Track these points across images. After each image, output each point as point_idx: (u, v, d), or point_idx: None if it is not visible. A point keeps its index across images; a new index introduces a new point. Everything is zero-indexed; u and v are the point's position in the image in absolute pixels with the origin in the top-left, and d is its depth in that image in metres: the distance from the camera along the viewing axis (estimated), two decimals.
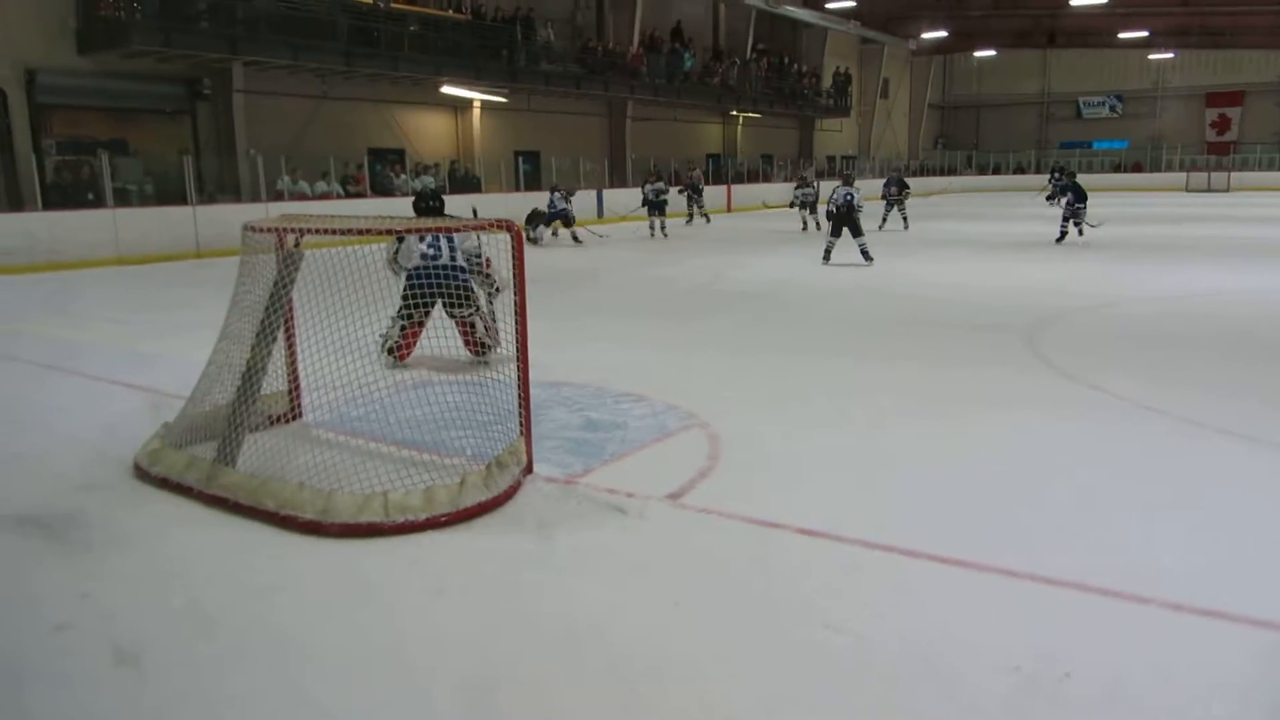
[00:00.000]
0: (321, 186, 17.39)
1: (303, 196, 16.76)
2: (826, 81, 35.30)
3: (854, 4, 30.88)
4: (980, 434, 4.88)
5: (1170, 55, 39.92)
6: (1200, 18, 34.11)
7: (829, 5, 31.01)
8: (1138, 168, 40.54)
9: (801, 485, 4.10)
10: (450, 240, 6.16)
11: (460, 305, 6.07)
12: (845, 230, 12.66)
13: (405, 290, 5.95)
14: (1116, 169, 40.84)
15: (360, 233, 4.16)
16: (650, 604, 3.01)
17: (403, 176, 18.78)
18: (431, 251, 6.15)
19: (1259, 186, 34.90)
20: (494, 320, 6.42)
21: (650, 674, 2.61)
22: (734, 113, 31.11)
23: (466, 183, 20.56)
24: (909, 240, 17.04)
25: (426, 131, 21.68)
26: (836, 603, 2.98)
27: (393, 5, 18.57)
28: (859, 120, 39.67)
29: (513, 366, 4.19)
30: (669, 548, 3.46)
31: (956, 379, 6.12)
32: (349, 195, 17.58)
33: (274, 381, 4.55)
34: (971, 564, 3.23)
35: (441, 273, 5.99)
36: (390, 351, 6.02)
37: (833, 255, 12.66)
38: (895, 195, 19.59)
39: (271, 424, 4.67)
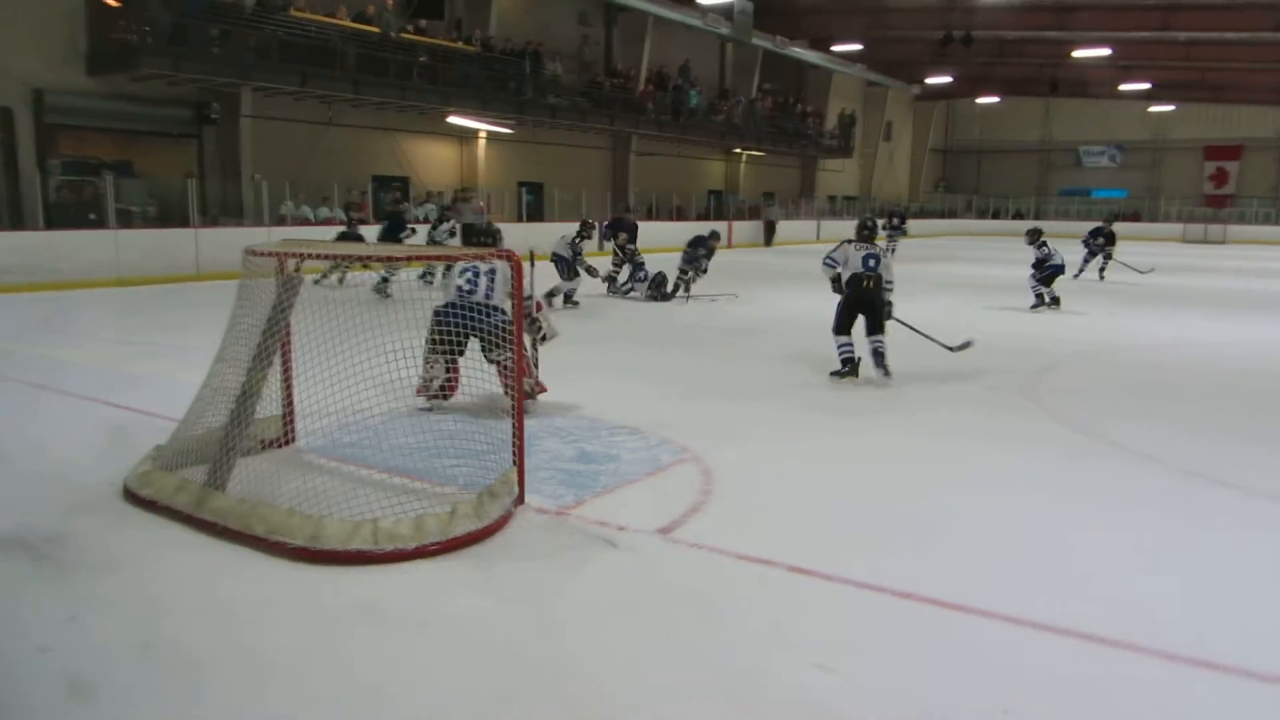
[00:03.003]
0: (325, 212, 17.47)
1: (305, 222, 16.84)
2: (830, 122, 35.61)
3: (860, 47, 31.20)
4: (979, 479, 4.87)
5: (1171, 108, 40.33)
6: (1201, 72, 34.45)
7: (835, 48, 31.33)
8: (1135, 217, 40.78)
9: (794, 523, 4.08)
10: (491, 277, 5.68)
11: (497, 347, 5.49)
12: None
13: (433, 326, 5.40)
14: (1115, 218, 41.05)
15: (361, 259, 4.18)
16: (639, 638, 2.98)
17: (405, 205, 18.81)
18: (468, 287, 5.67)
19: (1255, 240, 35.19)
20: (535, 367, 6.00)
21: (636, 709, 2.58)
22: (737, 150, 31.37)
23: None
24: (907, 282, 17.07)
25: (431, 160, 21.83)
26: (827, 642, 2.95)
27: (402, 35, 18.78)
28: (861, 161, 39.99)
29: (514, 398, 4.19)
30: (659, 582, 3.43)
31: (956, 424, 6.11)
32: (352, 221, 17.63)
33: (268, 406, 4.54)
34: (963, 607, 3.21)
35: (476, 311, 5.43)
36: (433, 395, 5.55)
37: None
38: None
39: (264, 448, 4.66)
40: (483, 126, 21.80)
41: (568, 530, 3.89)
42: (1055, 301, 12.62)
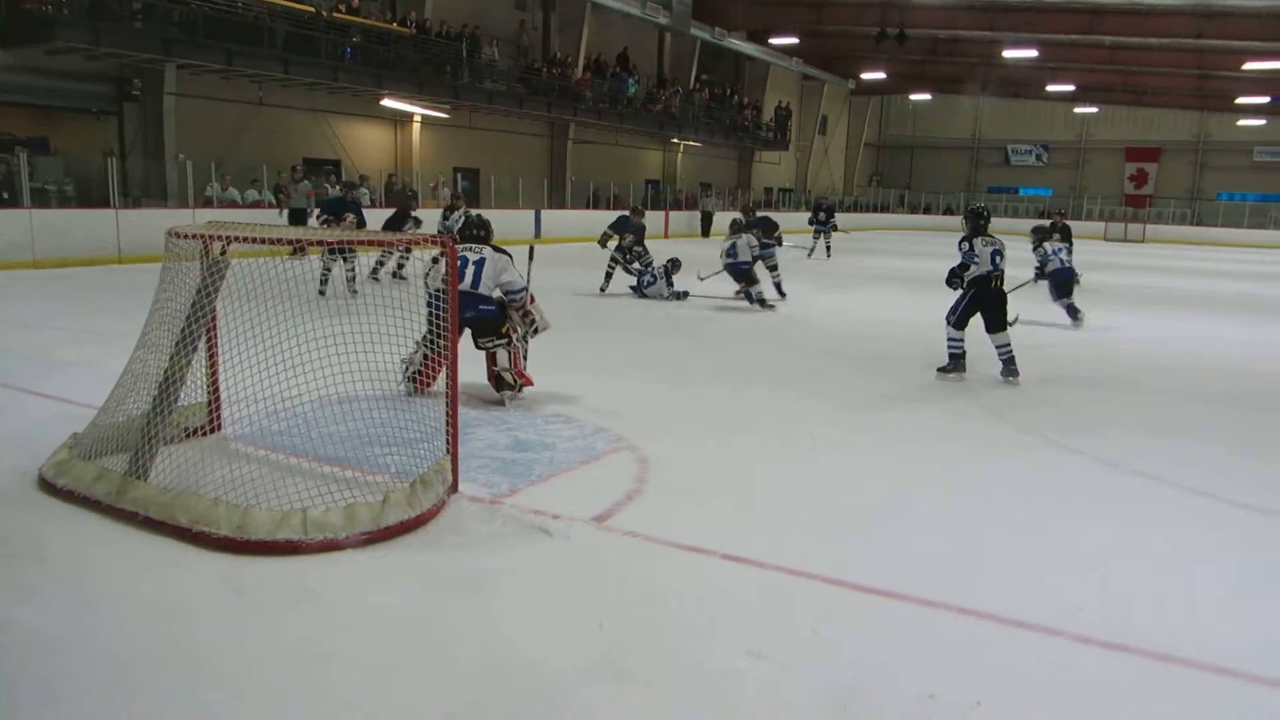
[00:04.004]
0: (253, 195, 17.02)
1: (233, 204, 16.39)
2: (767, 115, 35.92)
3: (796, 41, 31.49)
4: (907, 466, 4.96)
5: (1094, 110, 41.63)
6: (1124, 76, 35.57)
7: (772, 41, 31.57)
8: (1060, 215, 42.03)
9: (728, 511, 4.11)
10: (480, 266, 5.70)
11: (482, 335, 5.72)
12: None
13: (429, 315, 5.14)
14: (1041, 215, 42.28)
15: (290, 243, 4.08)
16: (573, 626, 2.98)
17: (338, 187, 18.37)
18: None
19: (1170, 240, 36.79)
20: (524, 359, 6.02)
21: (571, 697, 2.58)
22: (675, 140, 31.43)
23: (403, 197, 20.32)
24: (841, 274, 17.33)
25: (364, 143, 21.44)
26: (760, 629, 2.99)
27: (334, 15, 18.36)
28: (797, 154, 40.43)
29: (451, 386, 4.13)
30: (594, 570, 3.43)
31: (891, 417, 6.21)
32: (281, 205, 17.25)
33: (193, 393, 4.41)
34: (891, 593, 3.27)
35: (462, 300, 5.08)
36: (411, 379, 5.52)
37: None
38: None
39: (188, 436, 4.53)
40: (417, 110, 21.48)
41: (502, 519, 3.86)
42: (1074, 314, 10.74)
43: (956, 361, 7.26)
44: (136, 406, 4.23)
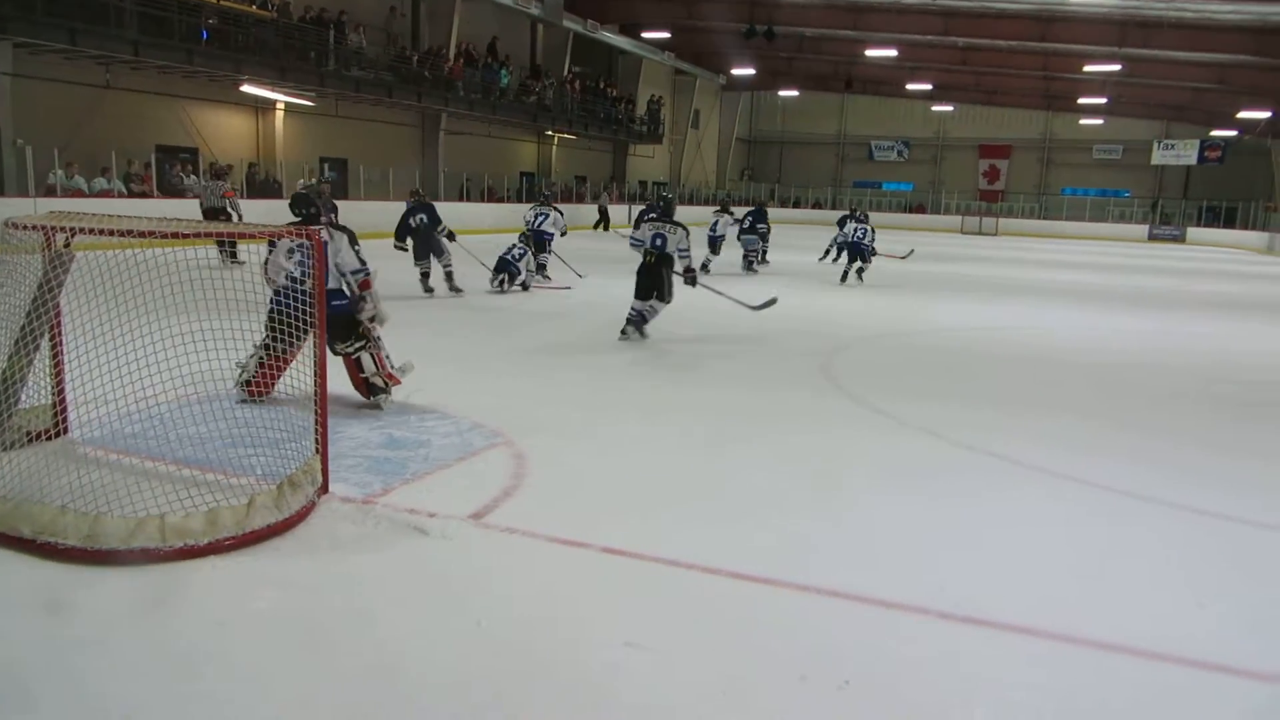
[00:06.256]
0: (101, 184, 16.02)
1: (79, 193, 15.38)
2: (641, 108, 36.12)
3: (668, 35, 31.78)
4: (776, 452, 5.10)
5: (950, 108, 43.69)
6: (976, 77, 37.46)
7: (644, 35, 31.76)
8: (920, 209, 44.07)
9: (606, 504, 4.13)
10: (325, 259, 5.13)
11: (339, 339, 5.25)
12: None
13: (269, 314, 4.83)
14: (903, 209, 44.25)
15: (141, 235, 3.86)
16: (452, 626, 2.94)
17: (193, 177, 17.49)
18: (299, 272, 4.85)
19: (1021, 232, 39.30)
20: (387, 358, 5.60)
21: (449, 697, 2.55)
22: (549, 132, 31.26)
23: (267, 188, 19.54)
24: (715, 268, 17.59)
25: (224, 131, 20.46)
26: (638, 620, 3.02)
27: None
28: (671, 148, 40.83)
29: (312, 381, 4.00)
30: (471, 568, 3.40)
31: (760, 402, 6.37)
32: (133, 194, 16.30)
33: (35, 395, 4.13)
34: (765, 579, 3.36)
35: (310, 299, 4.36)
36: (243, 385, 5.16)
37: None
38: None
39: (30, 441, 4.24)
40: (280, 97, 20.65)
41: (375, 519, 3.77)
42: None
43: (631, 327, 8.40)
44: None
